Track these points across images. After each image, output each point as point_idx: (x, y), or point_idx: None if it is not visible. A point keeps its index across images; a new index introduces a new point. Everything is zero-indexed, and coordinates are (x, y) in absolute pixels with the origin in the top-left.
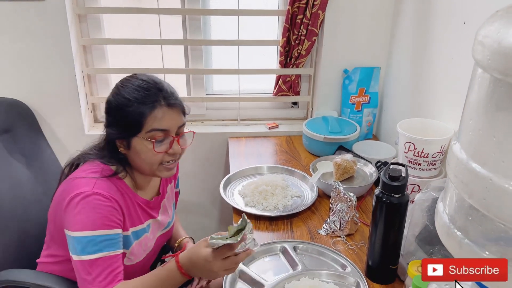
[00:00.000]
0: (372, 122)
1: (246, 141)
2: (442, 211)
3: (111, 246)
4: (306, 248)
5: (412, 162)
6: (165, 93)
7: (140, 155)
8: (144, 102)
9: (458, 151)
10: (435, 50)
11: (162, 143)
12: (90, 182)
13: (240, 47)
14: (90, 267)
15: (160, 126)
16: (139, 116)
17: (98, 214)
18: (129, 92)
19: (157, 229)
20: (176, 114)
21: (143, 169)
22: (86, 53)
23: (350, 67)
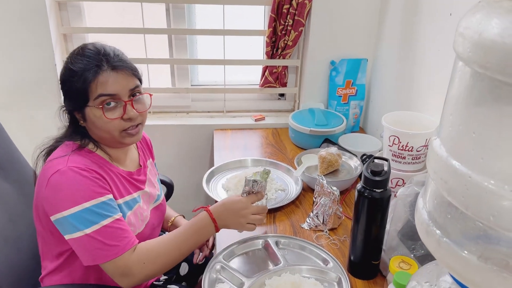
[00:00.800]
0: (358, 115)
1: (232, 134)
2: (421, 207)
3: (111, 211)
4: (288, 243)
5: (396, 156)
6: (108, 56)
7: (95, 125)
8: (87, 69)
9: (438, 147)
10: (422, 42)
11: (114, 109)
12: (62, 160)
13: (226, 37)
14: (100, 236)
15: (106, 91)
16: (83, 83)
17: (83, 186)
18: (73, 62)
19: (148, 201)
20: (124, 77)
21: (105, 139)
22: (66, 42)
23: (337, 59)
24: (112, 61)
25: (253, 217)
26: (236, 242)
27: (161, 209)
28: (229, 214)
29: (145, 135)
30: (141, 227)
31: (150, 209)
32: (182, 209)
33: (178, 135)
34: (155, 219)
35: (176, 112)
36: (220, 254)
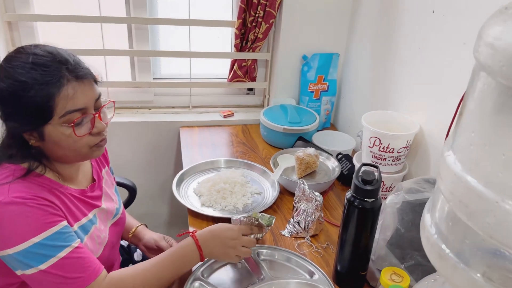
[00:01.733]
0: (330, 111)
1: (199, 131)
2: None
3: (67, 239)
4: (270, 254)
5: (376, 157)
6: (69, 64)
7: (60, 144)
8: (47, 82)
9: (453, 164)
10: (400, 39)
11: (83, 125)
12: (2, 189)
13: (191, 27)
14: (59, 270)
15: (75, 106)
16: (45, 99)
17: (31, 218)
18: (23, 73)
19: (105, 219)
20: (89, 87)
21: (67, 157)
22: (12, 31)
23: (309, 53)
24: (73, 69)
25: (243, 250)
26: None
27: (121, 223)
28: (217, 242)
29: None
30: (99, 251)
31: (108, 226)
32: (146, 213)
33: (140, 132)
34: (114, 236)
35: (137, 108)
36: (198, 270)
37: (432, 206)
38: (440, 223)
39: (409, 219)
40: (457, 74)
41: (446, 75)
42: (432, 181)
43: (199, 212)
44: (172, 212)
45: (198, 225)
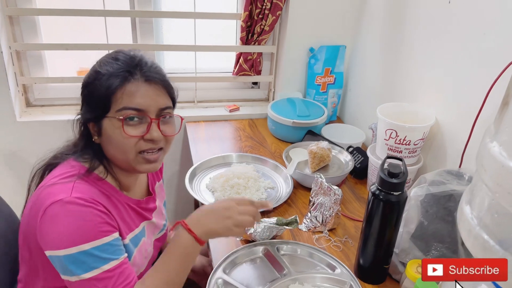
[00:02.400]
0: (336, 104)
1: (206, 126)
2: (470, 217)
3: (115, 253)
4: (290, 249)
5: (392, 150)
6: (143, 65)
7: (111, 141)
8: (116, 75)
9: (499, 155)
10: (410, 30)
11: (137, 127)
12: (66, 187)
13: (196, 20)
14: (99, 283)
15: (132, 104)
16: (107, 90)
17: (88, 222)
18: (101, 65)
19: (152, 233)
20: (156, 92)
21: (118, 160)
22: (13, 25)
23: (316, 46)
24: (147, 71)
25: (241, 218)
26: (234, 252)
27: (164, 239)
28: (211, 217)
29: None
30: (145, 265)
31: (153, 240)
32: None
33: None
34: (157, 250)
35: None
36: (219, 267)
37: (471, 198)
38: (484, 215)
39: (433, 212)
40: (475, 65)
41: (463, 66)
42: (454, 172)
43: None
44: (178, 208)
45: None
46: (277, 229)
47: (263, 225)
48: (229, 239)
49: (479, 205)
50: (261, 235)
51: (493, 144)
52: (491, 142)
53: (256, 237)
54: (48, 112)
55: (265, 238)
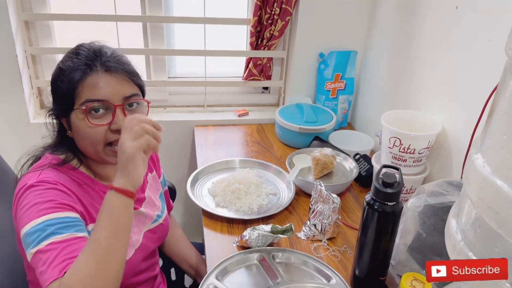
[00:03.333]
0: (347, 110)
1: (214, 130)
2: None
3: (66, 228)
4: (286, 257)
5: (396, 158)
6: (103, 56)
7: (79, 134)
8: (76, 69)
9: (482, 168)
10: (422, 36)
11: (103, 117)
12: (35, 174)
13: (206, 25)
14: (44, 255)
15: (94, 95)
16: (69, 84)
17: (44, 199)
18: (64, 61)
19: (141, 223)
20: (118, 81)
21: (88, 152)
22: (29, 30)
23: (326, 51)
24: (106, 61)
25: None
26: (228, 258)
27: (162, 229)
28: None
29: None
30: (130, 253)
31: (143, 231)
32: None
33: None
34: (152, 242)
35: (152, 106)
36: (212, 273)
37: (458, 212)
38: (467, 230)
39: (431, 223)
40: (482, 72)
41: (471, 73)
42: (455, 183)
43: (213, 212)
44: (187, 212)
45: (213, 226)
46: (272, 237)
47: (257, 233)
48: (225, 245)
49: (463, 219)
50: (256, 243)
51: (477, 156)
52: (476, 154)
53: (251, 244)
54: None
55: (260, 246)
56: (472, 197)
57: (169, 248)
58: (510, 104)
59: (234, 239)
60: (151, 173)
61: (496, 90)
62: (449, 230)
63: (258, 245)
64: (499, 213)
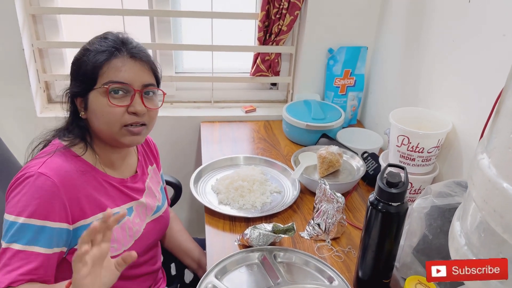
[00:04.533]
0: (356, 107)
1: (220, 126)
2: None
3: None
4: (287, 256)
5: (405, 157)
6: (129, 44)
7: (96, 113)
8: (103, 51)
9: (487, 169)
10: (433, 31)
11: (122, 98)
12: (38, 162)
13: (214, 20)
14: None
15: (117, 78)
16: (96, 65)
17: (31, 198)
18: (91, 43)
19: (143, 214)
20: (141, 68)
21: (103, 133)
22: (36, 23)
23: (335, 46)
24: (132, 48)
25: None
26: (229, 256)
27: (162, 221)
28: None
29: (150, 139)
30: (129, 243)
31: (146, 222)
32: None
33: (161, 127)
34: (151, 233)
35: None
36: (211, 272)
37: (462, 214)
38: (471, 234)
39: (437, 225)
40: (495, 68)
41: (483, 70)
42: (464, 184)
43: (216, 210)
44: (193, 208)
45: (215, 224)
46: (274, 237)
47: (258, 232)
48: (227, 243)
49: (468, 222)
50: (257, 242)
51: (483, 156)
52: (482, 153)
53: (252, 243)
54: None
55: (261, 245)
56: (477, 199)
57: (170, 242)
58: None
59: (236, 237)
60: (151, 166)
61: (504, 86)
62: (452, 233)
63: (259, 244)
64: (504, 217)
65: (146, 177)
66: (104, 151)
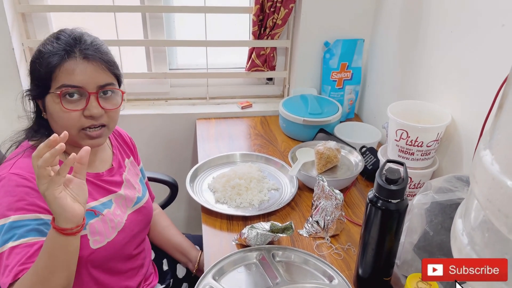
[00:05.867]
0: (354, 101)
1: (216, 123)
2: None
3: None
4: (286, 255)
5: (403, 152)
6: (83, 44)
7: (53, 117)
8: (55, 53)
9: (490, 166)
10: (430, 22)
11: (77, 102)
12: (8, 164)
13: (207, 15)
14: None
15: (70, 81)
16: (47, 68)
17: (10, 198)
18: (44, 44)
19: (124, 205)
20: (95, 69)
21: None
22: (25, 22)
23: (331, 39)
24: (85, 49)
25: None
26: (227, 256)
27: (144, 212)
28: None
29: (122, 133)
30: (112, 235)
31: (127, 213)
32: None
33: (156, 125)
34: (134, 224)
35: (153, 99)
36: (209, 273)
37: (465, 212)
38: (474, 233)
39: (438, 221)
40: (495, 59)
41: (482, 61)
42: (465, 179)
43: (213, 209)
44: (191, 206)
45: (212, 223)
46: (271, 236)
47: (255, 232)
48: (224, 243)
49: (470, 221)
50: (255, 241)
51: (486, 152)
52: (484, 149)
53: (249, 242)
54: None
55: (259, 244)
56: (480, 198)
57: (159, 239)
58: None
59: (234, 237)
60: (128, 158)
61: (507, 80)
62: (455, 232)
63: (257, 244)
64: (509, 217)
65: (123, 170)
66: (72, 149)
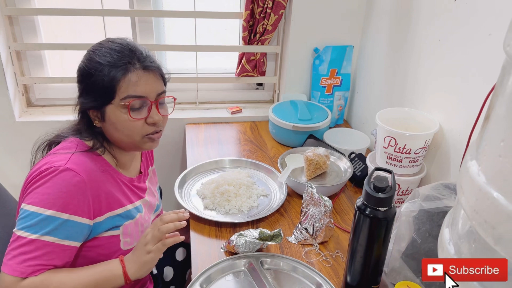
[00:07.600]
0: (343, 107)
1: (206, 128)
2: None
3: (60, 233)
4: (275, 263)
5: (392, 159)
6: (140, 54)
7: (116, 126)
8: (117, 65)
9: (477, 177)
10: (418, 30)
11: (139, 111)
12: (64, 157)
13: (197, 19)
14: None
15: (135, 92)
16: (111, 80)
17: (63, 194)
18: (100, 56)
19: (149, 211)
20: (153, 79)
21: (122, 142)
22: (12, 25)
23: (321, 46)
24: (144, 60)
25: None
26: (215, 264)
27: None
28: (135, 255)
29: None
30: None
31: (151, 219)
32: None
33: None
34: None
35: None
36: (196, 281)
37: (452, 221)
38: (461, 243)
39: (426, 229)
40: (482, 68)
41: (470, 69)
42: (452, 187)
43: (201, 216)
44: None
45: (200, 229)
46: (260, 244)
47: (244, 239)
48: (212, 250)
49: (457, 231)
50: (243, 249)
51: (472, 162)
52: (471, 160)
53: (238, 250)
54: (48, 113)
55: (248, 252)
56: (466, 208)
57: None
58: (509, 107)
59: (222, 244)
60: (151, 166)
61: (493, 91)
62: (442, 241)
63: (245, 251)
64: (495, 228)
65: (146, 177)
66: (119, 153)
